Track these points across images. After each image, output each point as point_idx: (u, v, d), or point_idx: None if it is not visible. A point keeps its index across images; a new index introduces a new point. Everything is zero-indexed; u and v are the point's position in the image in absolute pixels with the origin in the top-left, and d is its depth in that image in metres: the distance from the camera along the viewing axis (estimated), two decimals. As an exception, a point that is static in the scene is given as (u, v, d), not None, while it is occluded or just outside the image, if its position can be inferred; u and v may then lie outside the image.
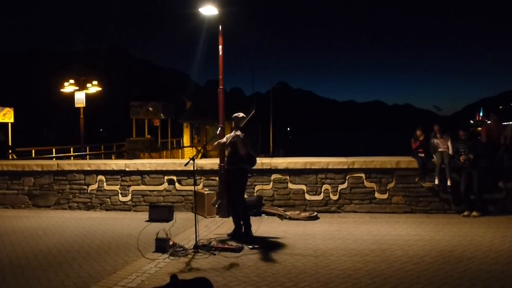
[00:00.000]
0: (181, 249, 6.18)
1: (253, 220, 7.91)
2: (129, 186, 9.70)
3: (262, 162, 9.31)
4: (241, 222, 7.19)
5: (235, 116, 7.29)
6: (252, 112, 26.45)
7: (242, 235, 7.06)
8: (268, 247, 6.48)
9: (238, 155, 7.03)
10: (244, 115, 7.35)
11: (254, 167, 8.70)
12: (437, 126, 9.06)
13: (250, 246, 6.36)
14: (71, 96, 24.76)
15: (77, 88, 24.33)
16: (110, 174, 9.79)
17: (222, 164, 8.75)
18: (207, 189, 9.10)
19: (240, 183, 7.24)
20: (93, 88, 25.58)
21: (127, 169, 9.71)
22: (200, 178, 9.38)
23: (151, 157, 21.94)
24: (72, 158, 20.67)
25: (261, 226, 7.77)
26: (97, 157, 22.96)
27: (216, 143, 7.58)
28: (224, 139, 7.44)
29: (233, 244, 6.45)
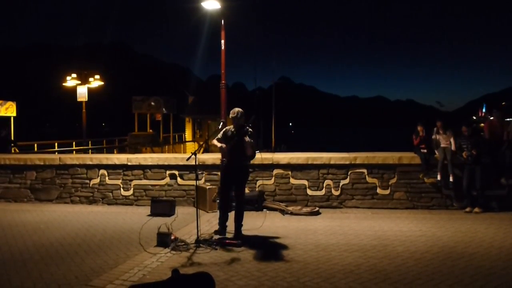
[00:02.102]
0: (183, 243, 6.20)
1: (255, 215, 7.92)
2: (131, 180, 9.71)
3: (264, 157, 9.30)
4: (232, 220, 6.85)
5: (234, 117, 6.86)
6: (252, 118, 26.33)
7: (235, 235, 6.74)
8: (270, 242, 6.49)
9: (244, 152, 6.80)
10: (241, 110, 6.84)
11: (256, 162, 8.67)
12: (439, 122, 9.04)
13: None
14: (73, 90, 24.76)
15: (80, 82, 24.33)
16: (112, 168, 9.80)
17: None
18: (209, 184, 9.11)
19: (245, 180, 7.10)
20: (96, 82, 25.58)
21: (129, 163, 9.72)
22: (202, 173, 9.38)
23: (153, 152, 21.97)
24: (74, 152, 20.72)
25: (263, 221, 7.76)
26: (99, 151, 22.99)
27: (217, 145, 7.05)
28: (220, 135, 7.03)
29: (235, 239, 6.46)
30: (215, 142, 7.13)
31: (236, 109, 6.91)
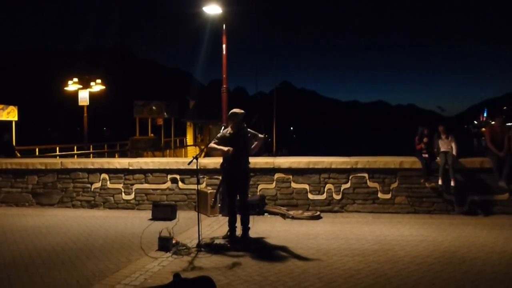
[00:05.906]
0: (184, 247, 6.20)
1: (256, 219, 7.92)
2: (132, 184, 9.72)
3: (265, 161, 9.30)
4: (238, 224, 6.90)
5: (233, 118, 6.75)
6: (255, 118, 26.27)
7: (239, 238, 6.81)
8: (271, 246, 6.49)
9: (246, 154, 6.83)
10: (241, 111, 6.76)
11: (257, 167, 8.69)
12: (441, 127, 9.04)
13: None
14: (74, 94, 24.87)
15: (81, 86, 24.46)
16: (113, 172, 9.81)
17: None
18: (210, 188, 9.11)
19: (248, 183, 7.15)
20: (97, 86, 25.71)
21: (130, 167, 9.73)
22: (203, 177, 9.38)
23: (154, 156, 22.00)
24: (75, 156, 20.76)
25: (264, 225, 7.77)
26: (101, 155, 23.02)
27: (218, 147, 6.87)
28: (216, 141, 6.92)
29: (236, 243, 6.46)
30: (213, 145, 6.90)
31: (236, 109, 6.85)
